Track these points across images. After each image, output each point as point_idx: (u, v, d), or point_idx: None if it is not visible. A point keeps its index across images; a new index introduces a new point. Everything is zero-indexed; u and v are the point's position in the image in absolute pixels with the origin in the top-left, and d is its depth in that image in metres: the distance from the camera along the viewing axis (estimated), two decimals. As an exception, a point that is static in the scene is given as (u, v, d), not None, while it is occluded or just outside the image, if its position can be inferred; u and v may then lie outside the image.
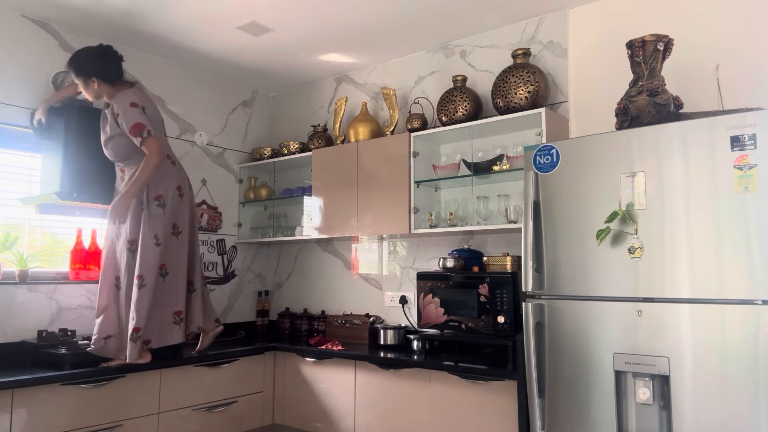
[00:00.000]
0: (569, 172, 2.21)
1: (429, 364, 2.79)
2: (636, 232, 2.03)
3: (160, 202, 2.89)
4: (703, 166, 1.92)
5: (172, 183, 2.96)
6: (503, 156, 2.95)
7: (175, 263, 2.93)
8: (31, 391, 2.45)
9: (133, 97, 2.82)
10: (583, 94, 2.96)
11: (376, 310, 3.66)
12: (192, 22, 3.23)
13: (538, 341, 2.21)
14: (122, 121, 2.76)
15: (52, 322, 3.09)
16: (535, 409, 2.18)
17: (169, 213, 2.92)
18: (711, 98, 2.48)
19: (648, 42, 2.27)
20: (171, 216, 2.92)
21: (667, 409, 1.93)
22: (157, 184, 2.89)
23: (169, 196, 2.92)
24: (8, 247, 3.02)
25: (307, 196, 3.77)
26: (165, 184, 2.92)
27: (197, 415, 3.04)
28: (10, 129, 3.05)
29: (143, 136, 2.75)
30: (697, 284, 1.90)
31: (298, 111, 4.28)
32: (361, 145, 3.43)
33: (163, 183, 2.92)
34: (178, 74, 3.85)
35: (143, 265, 2.80)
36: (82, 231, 3.28)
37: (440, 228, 3.11)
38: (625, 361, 2.02)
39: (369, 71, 3.87)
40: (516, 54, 2.96)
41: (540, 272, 2.24)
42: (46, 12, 3.09)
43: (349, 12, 3.09)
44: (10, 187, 3.08)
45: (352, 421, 3.05)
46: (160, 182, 2.90)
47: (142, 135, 2.75)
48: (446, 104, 3.14)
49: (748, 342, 1.79)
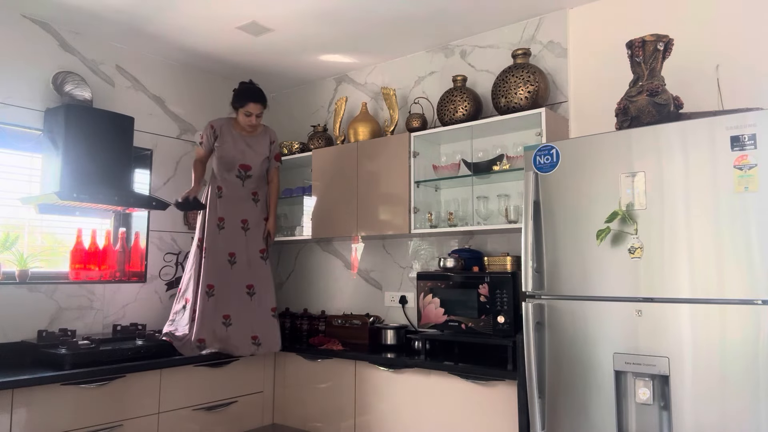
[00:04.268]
0: (569, 172, 2.21)
1: (429, 364, 2.79)
2: (636, 232, 2.03)
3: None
4: (703, 166, 1.92)
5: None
6: (503, 156, 2.95)
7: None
8: (31, 391, 2.45)
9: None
10: (583, 94, 2.96)
11: (376, 310, 3.66)
12: (192, 22, 3.23)
13: (538, 341, 2.21)
14: (275, 147, 3.46)
15: (52, 322, 3.09)
16: (535, 409, 2.18)
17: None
18: (711, 98, 2.48)
19: (648, 42, 2.27)
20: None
21: (667, 409, 1.93)
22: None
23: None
24: (8, 247, 3.02)
25: (307, 196, 3.77)
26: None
27: (197, 415, 3.04)
28: (10, 129, 3.05)
29: (280, 161, 3.51)
30: (697, 284, 1.90)
31: (298, 111, 4.28)
32: (361, 145, 3.43)
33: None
34: (178, 74, 3.85)
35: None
36: (82, 231, 3.29)
37: (440, 228, 3.11)
38: (625, 361, 2.02)
39: (369, 71, 3.87)
40: (516, 54, 2.96)
41: (540, 272, 2.24)
42: (46, 12, 3.09)
43: (349, 12, 3.09)
44: (10, 187, 3.08)
45: (352, 421, 3.05)
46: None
47: (279, 161, 3.51)
48: (446, 104, 3.14)
49: (748, 342, 1.79)
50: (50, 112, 3.11)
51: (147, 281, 3.55)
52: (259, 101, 3.27)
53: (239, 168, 3.30)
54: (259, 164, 3.36)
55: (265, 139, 3.41)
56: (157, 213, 3.54)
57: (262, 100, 3.29)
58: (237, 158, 3.30)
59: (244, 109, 3.25)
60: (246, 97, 3.25)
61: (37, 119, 3.12)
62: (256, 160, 3.35)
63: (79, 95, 3.17)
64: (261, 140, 3.38)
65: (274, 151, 3.45)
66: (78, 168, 3.01)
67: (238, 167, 3.30)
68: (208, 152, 3.36)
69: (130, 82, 3.57)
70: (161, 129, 3.71)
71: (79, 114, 3.07)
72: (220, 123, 3.35)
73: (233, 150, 3.30)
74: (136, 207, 3.26)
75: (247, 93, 3.27)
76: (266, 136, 3.42)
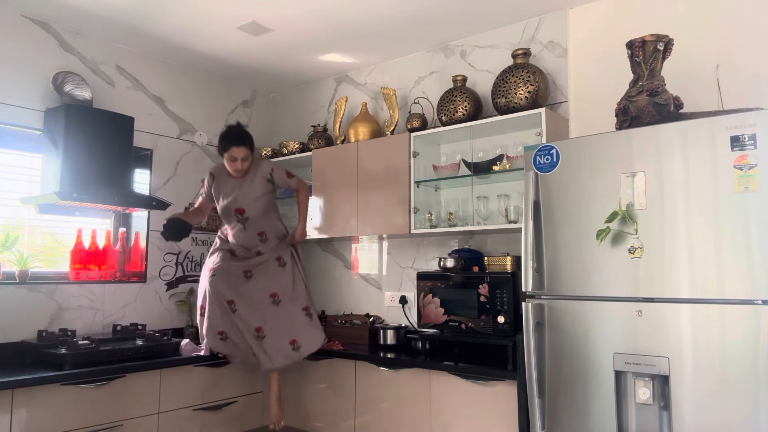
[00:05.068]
0: (569, 172, 2.21)
1: (429, 364, 2.79)
2: (636, 232, 2.03)
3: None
4: (703, 166, 1.92)
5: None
6: (503, 156, 2.95)
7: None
8: (31, 391, 2.45)
9: (270, 161, 3.49)
10: (583, 94, 2.96)
11: (376, 310, 3.66)
12: (192, 22, 3.23)
13: (538, 341, 2.21)
14: (277, 174, 3.25)
15: (52, 322, 3.09)
16: (535, 409, 2.18)
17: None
18: (711, 98, 2.48)
19: (648, 42, 2.27)
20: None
21: (667, 409, 1.93)
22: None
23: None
24: (8, 247, 3.01)
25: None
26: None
27: (197, 415, 3.04)
28: (10, 129, 3.05)
29: (293, 176, 3.33)
30: (697, 284, 1.90)
31: (298, 111, 4.28)
32: (361, 145, 3.43)
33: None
34: (178, 74, 3.85)
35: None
36: (82, 231, 3.29)
37: (440, 228, 3.11)
38: (625, 361, 2.02)
39: (369, 71, 3.87)
40: (516, 54, 2.96)
41: (540, 272, 2.24)
42: (46, 12, 3.09)
43: (349, 12, 3.09)
44: (10, 187, 3.08)
45: (352, 422, 3.05)
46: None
47: (292, 176, 3.32)
48: (446, 104, 3.14)
49: (748, 342, 1.79)
50: (50, 112, 3.11)
51: (147, 281, 3.54)
52: (241, 144, 3.08)
53: (235, 213, 3.17)
54: (253, 203, 3.17)
55: (257, 176, 3.20)
56: (157, 213, 3.54)
57: (245, 142, 3.09)
58: (231, 204, 3.17)
59: (228, 153, 3.09)
60: (228, 142, 3.08)
61: (37, 119, 3.12)
62: (249, 201, 3.17)
63: (79, 95, 3.17)
64: (253, 179, 3.19)
65: (280, 177, 3.26)
66: (78, 168, 3.01)
67: (234, 212, 3.17)
68: (208, 200, 3.28)
69: (130, 82, 3.57)
70: (161, 129, 3.71)
71: (79, 114, 3.07)
72: (217, 170, 3.24)
73: (227, 197, 3.18)
74: (136, 207, 3.26)
75: (229, 137, 3.10)
76: (258, 173, 3.20)
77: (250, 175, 3.21)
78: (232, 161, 3.10)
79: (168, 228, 3.00)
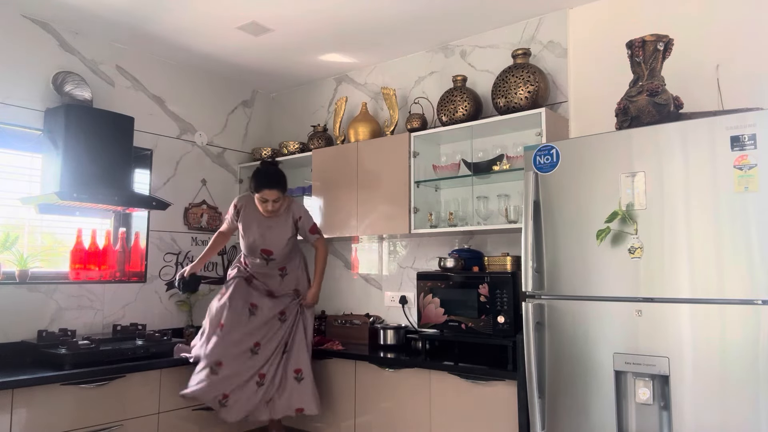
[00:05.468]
0: (569, 172, 2.21)
1: (429, 364, 2.79)
2: (636, 232, 2.03)
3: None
4: (703, 166, 1.92)
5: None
6: (503, 156, 2.95)
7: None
8: (31, 391, 2.45)
9: (302, 205, 3.30)
10: (583, 94, 2.96)
11: (376, 310, 3.66)
12: (192, 23, 3.23)
13: (538, 341, 2.21)
14: (303, 223, 3.17)
15: (52, 322, 3.09)
16: (535, 409, 2.18)
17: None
18: (711, 98, 2.48)
19: (648, 42, 2.27)
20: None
21: (667, 409, 1.93)
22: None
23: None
24: (8, 247, 3.02)
25: (307, 196, 3.77)
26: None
27: (197, 415, 3.04)
28: (10, 129, 3.05)
29: (317, 233, 3.24)
30: (697, 284, 1.90)
31: (298, 111, 4.28)
32: (361, 145, 3.43)
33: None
34: (178, 74, 3.85)
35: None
36: (82, 231, 3.29)
37: (440, 228, 3.11)
38: (625, 361, 2.02)
39: (369, 71, 3.87)
40: (516, 54, 2.96)
41: (540, 272, 2.24)
42: (46, 12, 3.09)
43: (349, 12, 3.09)
44: (10, 187, 3.08)
45: (352, 422, 3.05)
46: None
47: (316, 232, 3.23)
48: (446, 104, 3.14)
49: (748, 342, 1.79)
50: (50, 112, 3.11)
51: (147, 281, 3.55)
52: (274, 187, 2.98)
53: (261, 252, 3.08)
54: (282, 247, 3.10)
55: (288, 219, 3.12)
56: (157, 213, 3.54)
57: (278, 185, 3.00)
58: (257, 243, 3.07)
59: (260, 195, 2.99)
60: (260, 184, 2.98)
61: (37, 119, 3.12)
62: (279, 244, 3.09)
63: (79, 95, 3.18)
64: (283, 221, 3.10)
65: (305, 228, 3.17)
66: (78, 168, 3.01)
67: (260, 252, 3.08)
68: (231, 229, 3.25)
69: (130, 82, 3.57)
70: (161, 129, 3.71)
71: (79, 114, 3.07)
72: (243, 202, 3.15)
73: (254, 234, 3.08)
74: (136, 207, 3.26)
75: (261, 179, 3.00)
76: (289, 215, 3.12)
77: (281, 215, 3.12)
78: (263, 202, 3.01)
79: (185, 284, 3.19)
